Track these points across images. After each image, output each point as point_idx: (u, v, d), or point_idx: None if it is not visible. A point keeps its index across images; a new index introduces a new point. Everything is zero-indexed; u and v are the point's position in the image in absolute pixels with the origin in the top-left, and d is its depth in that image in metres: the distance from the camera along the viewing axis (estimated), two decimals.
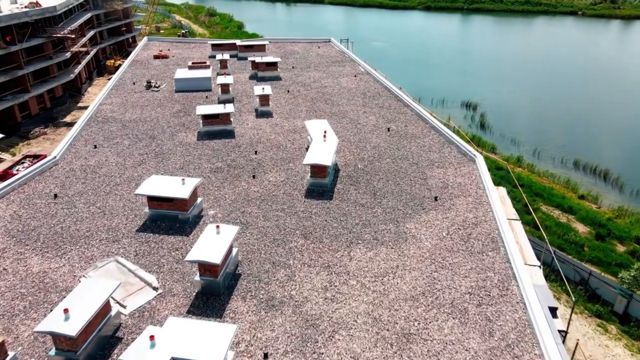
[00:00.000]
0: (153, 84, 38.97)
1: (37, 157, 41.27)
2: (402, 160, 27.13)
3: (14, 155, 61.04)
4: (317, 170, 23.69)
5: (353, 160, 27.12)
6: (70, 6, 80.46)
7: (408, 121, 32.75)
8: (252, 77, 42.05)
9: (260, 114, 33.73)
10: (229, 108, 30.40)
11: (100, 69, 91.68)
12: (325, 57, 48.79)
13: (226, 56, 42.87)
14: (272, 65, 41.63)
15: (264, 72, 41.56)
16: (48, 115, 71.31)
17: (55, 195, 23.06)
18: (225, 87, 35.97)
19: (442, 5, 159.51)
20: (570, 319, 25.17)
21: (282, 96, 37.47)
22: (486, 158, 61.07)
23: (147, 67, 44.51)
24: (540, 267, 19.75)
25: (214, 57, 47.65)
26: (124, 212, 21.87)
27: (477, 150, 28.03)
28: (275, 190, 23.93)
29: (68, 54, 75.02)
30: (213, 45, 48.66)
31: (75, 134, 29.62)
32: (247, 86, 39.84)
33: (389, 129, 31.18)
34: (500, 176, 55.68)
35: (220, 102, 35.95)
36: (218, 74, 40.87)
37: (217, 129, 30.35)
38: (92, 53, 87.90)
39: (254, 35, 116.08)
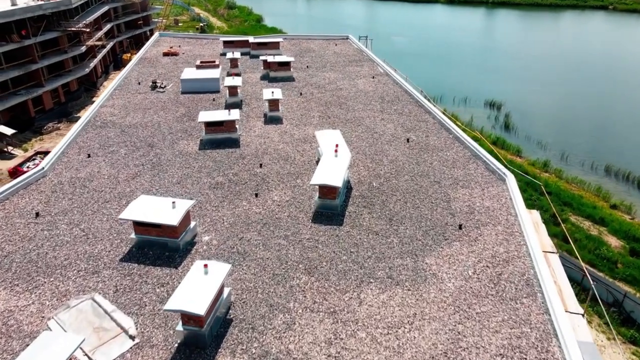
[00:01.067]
0: (159, 85, 36.48)
1: (47, 154, 39.28)
2: (423, 177, 24.10)
3: (26, 151, 59.53)
4: (327, 191, 20.86)
5: (368, 176, 24.18)
6: None
7: (429, 131, 29.62)
8: (263, 78, 39.26)
9: (269, 120, 30.97)
10: (234, 114, 27.69)
11: (117, 62, 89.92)
12: (342, 56, 45.71)
13: (237, 54, 40.12)
14: (285, 65, 38.76)
15: (276, 72, 38.73)
16: (62, 110, 69.65)
17: (37, 214, 20.70)
18: (233, 90, 33.27)
19: None
20: None
21: (293, 99, 34.61)
22: (510, 162, 57.57)
23: (155, 66, 42.05)
24: (584, 315, 16.66)
25: (226, 54, 44.99)
26: (109, 236, 19.38)
27: (507, 167, 24.83)
28: (279, 212, 21.18)
29: (83, 48, 73.22)
30: (225, 42, 45.98)
31: (69, 140, 27.27)
32: (257, 87, 37.08)
33: (408, 140, 28.13)
34: (526, 182, 52.12)
35: (227, 105, 33.31)
36: (228, 74, 38.20)
37: (221, 137, 27.70)
38: (108, 47, 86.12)
39: (272, 30, 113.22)
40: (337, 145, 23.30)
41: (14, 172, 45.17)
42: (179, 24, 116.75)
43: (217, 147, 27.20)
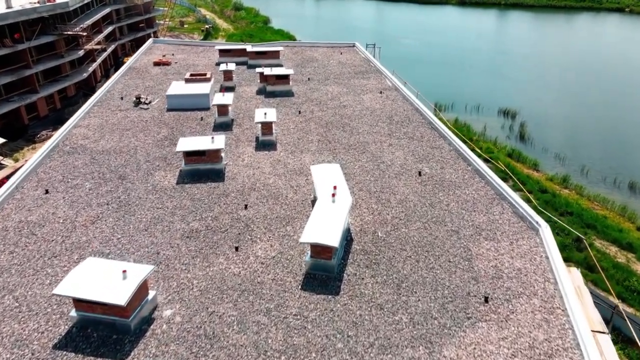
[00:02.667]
0: (143, 100, 32.41)
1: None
2: (438, 224, 19.76)
3: (16, 161, 55.89)
4: (321, 250, 16.62)
5: (372, 222, 19.88)
6: (86, 1, 74.72)
7: (445, 160, 25.22)
8: (260, 92, 35.03)
9: (262, 145, 26.75)
10: (219, 142, 23.50)
11: (118, 66, 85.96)
12: (348, 66, 41.33)
13: (232, 66, 35.89)
14: (284, 79, 34.49)
15: (274, 86, 34.50)
16: (58, 117, 65.85)
17: None
18: (222, 109, 29.10)
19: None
20: None
21: (291, 119, 30.36)
22: (527, 177, 52.96)
23: (143, 77, 37.96)
24: None
25: (221, 64, 40.83)
26: (46, 310, 15.30)
27: (540, 211, 20.39)
28: (262, 274, 16.98)
29: (81, 52, 69.48)
30: (221, 51, 41.79)
31: (28, 170, 23.23)
32: (252, 103, 32.89)
33: (420, 173, 23.75)
34: (545, 200, 47.56)
35: (216, 126, 29.17)
36: (221, 88, 34.03)
37: (203, 167, 23.52)
38: (109, 50, 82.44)
39: (279, 32, 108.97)
40: (335, 187, 19.04)
41: (2, 184, 41.57)
42: (185, 26, 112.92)
43: (198, 181, 23.04)
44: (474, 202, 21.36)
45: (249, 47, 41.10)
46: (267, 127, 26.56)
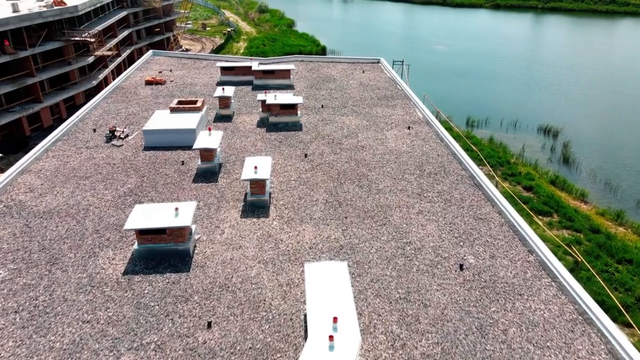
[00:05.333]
0: (118, 134, 25.94)
1: None
2: None
3: None
4: None
5: None
6: (98, 5, 69.14)
7: (496, 241, 17.84)
8: (261, 124, 28.18)
9: (250, 207, 19.88)
10: (185, 215, 16.69)
11: None
12: (371, 89, 34.06)
13: (229, 90, 29.07)
14: (290, 109, 27.51)
15: (277, 117, 27.57)
16: None
17: None
18: (207, 154, 22.30)
19: (513, 3, 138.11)
20: None
21: (294, 164, 23.39)
22: (575, 211, 44.76)
23: (129, 100, 31.55)
24: None
25: (224, 84, 34.21)
26: None
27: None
28: None
29: (90, 59, 63.92)
30: (223, 69, 35.04)
31: None
32: (249, 141, 26.07)
33: (461, 267, 16.44)
34: (597, 243, 39.66)
35: (197, 174, 22.44)
36: (209, 125, 27.35)
37: (163, 248, 16.78)
38: (124, 55, 76.98)
39: (303, 36, 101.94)
40: (335, 320, 12.01)
41: None
42: (207, 29, 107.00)
43: (155, 269, 16.31)
44: (545, 327, 13.97)
45: (255, 65, 34.21)
46: (258, 185, 19.64)
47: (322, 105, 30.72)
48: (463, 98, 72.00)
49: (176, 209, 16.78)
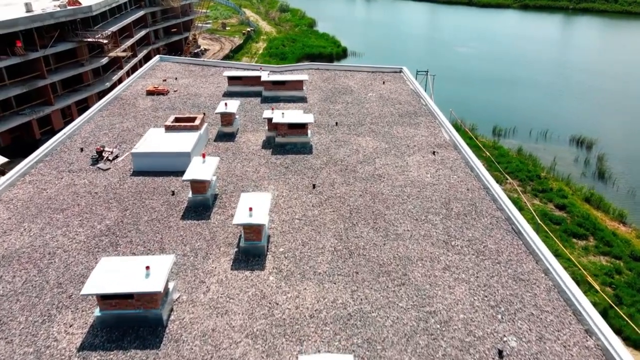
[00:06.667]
0: (107, 155, 22.86)
1: None
2: None
3: None
4: None
5: None
6: (114, 4, 66.70)
7: (542, 312, 14.10)
8: (267, 144, 24.79)
9: (244, 255, 16.51)
10: (158, 276, 13.41)
11: None
12: (391, 103, 30.35)
13: (233, 106, 25.73)
14: (299, 128, 24.04)
15: (285, 137, 24.13)
16: None
17: None
18: (198, 187, 18.98)
19: (542, 3, 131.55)
20: None
21: (300, 197, 19.95)
22: (613, 235, 40.32)
23: (126, 113, 28.51)
24: None
25: (231, 95, 30.97)
26: None
27: None
28: None
29: (104, 60, 61.54)
30: (230, 79, 31.74)
31: None
32: (251, 166, 22.72)
33: (501, 354, 12.74)
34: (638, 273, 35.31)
35: (188, 207, 19.18)
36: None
37: (130, 315, 13.53)
38: (140, 55, 74.59)
39: (324, 36, 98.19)
40: None
41: None
42: (227, 28, 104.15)
43: (118, 342, 13.07)
44: None
45: (265, 75, 30.79)
46: (253, 231, 16.25)
47: (337, 123, 27.16)
48: (489, 104, 67.47)
49: (147, 267, 13.49)
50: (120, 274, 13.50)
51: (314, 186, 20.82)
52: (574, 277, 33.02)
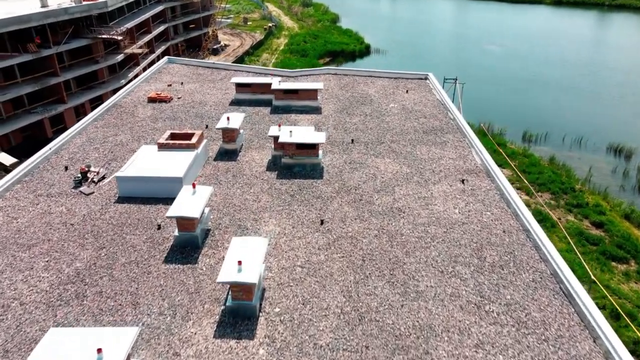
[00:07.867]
0: (92, 176, 20.12)
1: None
2: None
3: None
4: None
5: None
6: (131, 0, 64.39)
7: None
8: (273, 164, 21.67)
9: (231, 316, 13.46)
10: (120, 346, 10.45)
11: None
12: (414, 117, 26.84)
13: (236, 120, 22.64)
14: (309, 149, 20.82)
15: (292, 159, 20.96)
16: None
17: None
18: (185, 224, 15.97)
19: None
20: None
21: (304, 236, 16.79)
22: None
23: (122, 123, 25.76)
24: None
25: (238, 103, 27.97)
26: None
27: None
28: None
29: (120, 57, 59.37)
30: (238, 86, 28.69)
31: None
32: (252, 193, 19.64)
33: None
34: None
35: (175, 246, 16.24)
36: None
37: None
38: (158, 51, 72.35)
39: (347, 32, 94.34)
40: None
41: None
42: (248, 23, 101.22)
43: None
44: None
45: (276, 83, 27.60)
46: (242, 289, 13.17)
47: (352, 140, 23.84)
48: (519, 107, 62.95)
49: (99, 350, 10.53)
50: (65, 355, 10.59)
51: (322, 222, 17.63)
52: (613, 309, 29.07)
